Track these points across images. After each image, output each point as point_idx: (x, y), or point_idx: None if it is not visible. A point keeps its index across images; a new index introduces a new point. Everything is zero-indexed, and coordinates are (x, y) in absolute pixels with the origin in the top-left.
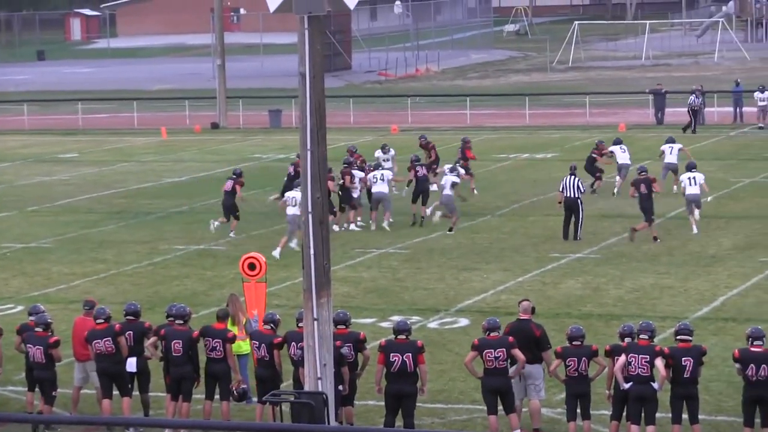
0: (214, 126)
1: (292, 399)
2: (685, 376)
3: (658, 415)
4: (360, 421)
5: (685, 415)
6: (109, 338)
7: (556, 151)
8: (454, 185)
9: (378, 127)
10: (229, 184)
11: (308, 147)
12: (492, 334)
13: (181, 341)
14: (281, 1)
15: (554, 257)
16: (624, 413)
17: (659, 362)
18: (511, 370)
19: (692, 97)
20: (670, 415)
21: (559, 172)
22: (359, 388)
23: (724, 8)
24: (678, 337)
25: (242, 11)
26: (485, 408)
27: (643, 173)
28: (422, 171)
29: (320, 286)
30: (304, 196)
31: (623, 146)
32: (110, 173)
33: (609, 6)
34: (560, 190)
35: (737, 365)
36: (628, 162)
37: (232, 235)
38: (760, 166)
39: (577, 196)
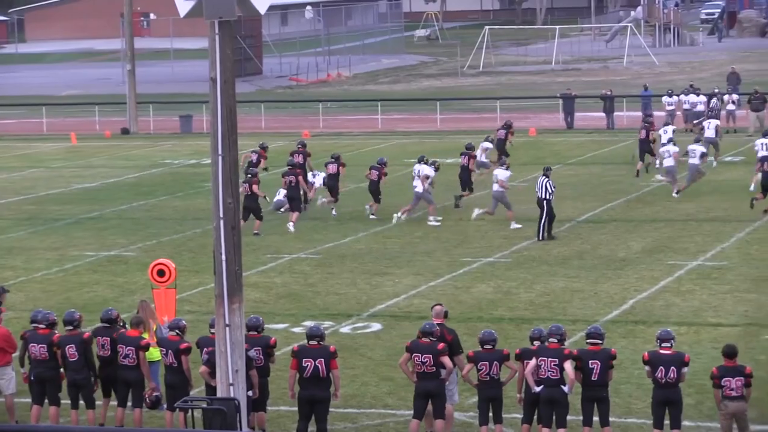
0: (125, 131)
1: (204, 405)
2: (593, 378)
3: (569, 417)
4: (272, 427)
5: (596, 418)
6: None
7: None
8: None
9: (289, 132)
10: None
11: (219, 152)
12: (423, 339)
13: (74, 345)
14: (192, 5)
15: (466, 261)
16: (535, 416)
17: (568, 365)
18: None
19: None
20: (581, 417)
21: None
22: (272, 393)
23: (632, 13)
24: (588, 340)
25: (152, 16)
26: (397, 412)
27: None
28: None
29: (232, 292)
30: (215, 202)
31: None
32: (19, 179)
33: (519, 11)
34: (536, 190)
35: (647, 367)
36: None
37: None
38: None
39: (544, 196)
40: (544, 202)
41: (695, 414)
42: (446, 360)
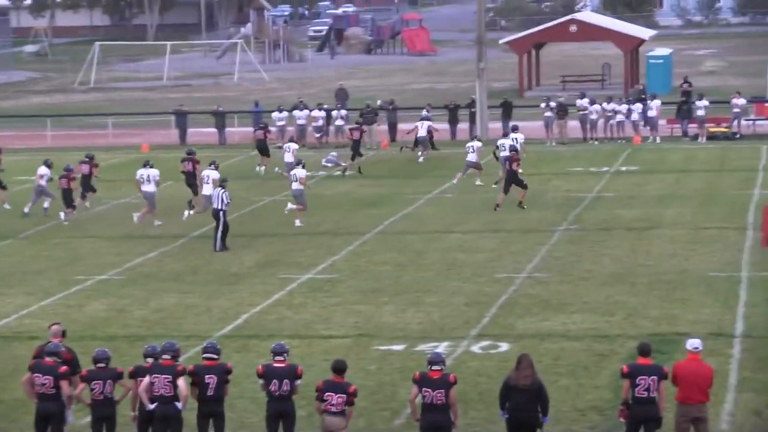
0: None
1: None
2: (209, 394)
3: None
4: None
5: None
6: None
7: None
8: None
9: None
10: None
11: None
12: (47, 360)
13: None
14: None
15: (79, 280)
16: None
17: (181, 381)
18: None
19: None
20: None
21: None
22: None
23: (242, 30)
24: (204, 355)
25: None
26: None
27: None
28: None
29: None
30: None
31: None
32: None
33: (130, 27)
34: (212, 201)
35: (261, 381)
36: None
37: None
38: (281, 185)
39: (219, 207)
40: (220, 212)
41: (307, 426)
42: (64, 384)
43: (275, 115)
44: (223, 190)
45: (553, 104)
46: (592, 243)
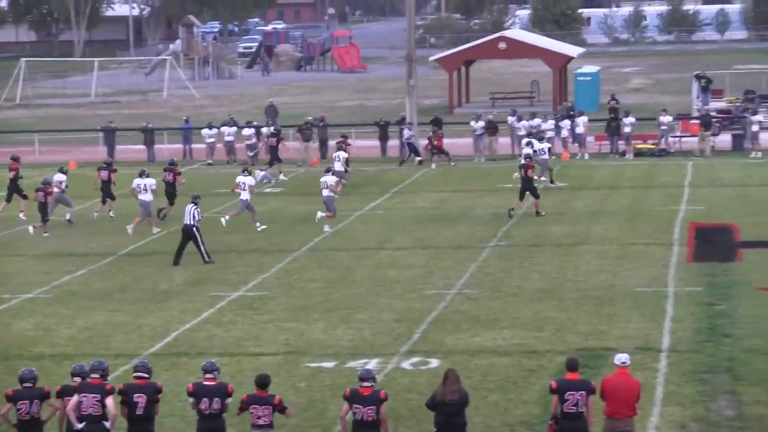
0: None
1: None
2: (138, 413)
3: None
4: None
5: None
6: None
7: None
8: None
9: None
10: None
11: None
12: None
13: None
14: None
15: (4, 298)
16: None
17: (109, 401)
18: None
19: (406, 131)
20: None
21: None
22: None
23: (171, 46)
24: (135, 374)
25: None
26: None
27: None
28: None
29: None
30: None
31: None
32: None
33: (57, 43)
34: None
35: (191, 399)
36: None
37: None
38: (213, 203)
39: (192, 223)
40: (193, 228)
41: None
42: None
43: (205, 131)
44: (195, 207)
45: (482, 123)
46: (521, 259)
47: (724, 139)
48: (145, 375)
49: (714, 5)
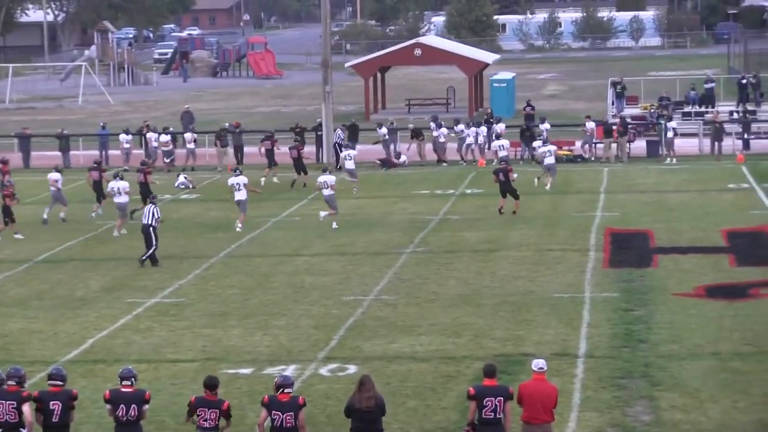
0: None
1: None
2: (53, 420)
3: None
4: None
5: None
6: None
7: None
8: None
9: None
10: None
11: None
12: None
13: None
14: None
15: None
16: None
17: (26, 408)
18: None
19: (338, 132)
20: None
21: None
22: None
23: (86, 52)
24: (49, 382)
25: None
26: None
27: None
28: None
29: None
30: None
31: None
32: None
33: None
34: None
35: (108, 406)
36: None
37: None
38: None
39: (150, 223)
40: (150, 228)
41: None
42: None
43: (122, 137)
44: (154, 206)
45: (384, 129)
46: (438, 265)
47: (639, 146)
48: (60, 382)
49: (629, 12)
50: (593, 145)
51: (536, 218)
